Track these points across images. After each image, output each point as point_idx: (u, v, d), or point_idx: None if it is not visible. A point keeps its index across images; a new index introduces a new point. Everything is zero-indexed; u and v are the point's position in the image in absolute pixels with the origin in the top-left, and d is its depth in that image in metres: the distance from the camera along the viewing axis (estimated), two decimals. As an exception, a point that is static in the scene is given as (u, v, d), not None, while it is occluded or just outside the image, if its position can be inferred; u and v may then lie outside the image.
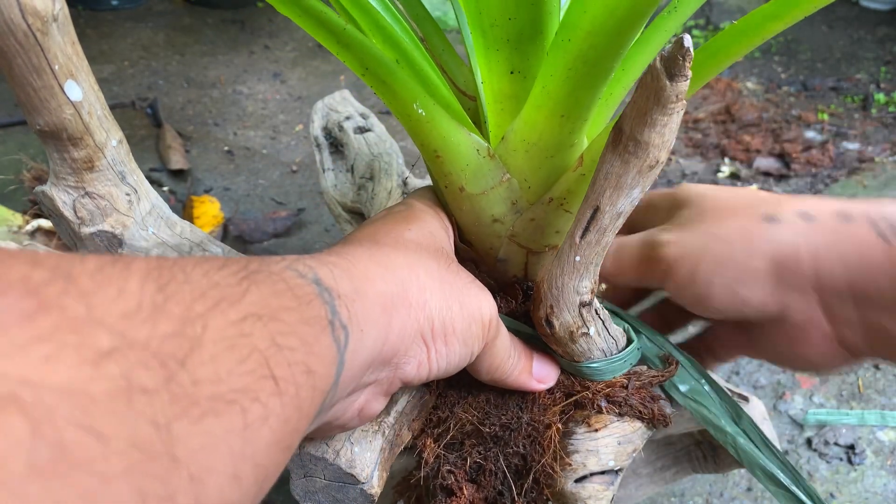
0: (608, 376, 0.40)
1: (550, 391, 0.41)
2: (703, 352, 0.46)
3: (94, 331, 0.16)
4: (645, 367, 0.42)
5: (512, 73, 0.35)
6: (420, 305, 0.31)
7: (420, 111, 0.35)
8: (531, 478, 0.39)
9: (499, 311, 0.40)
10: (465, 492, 0.39)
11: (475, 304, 0.33)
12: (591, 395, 0.40)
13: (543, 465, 0.38)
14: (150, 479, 0.16)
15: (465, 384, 0.41)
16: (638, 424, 0.41)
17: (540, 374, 0.40)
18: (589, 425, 0.40)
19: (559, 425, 0.39)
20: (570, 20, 0.29)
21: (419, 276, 0.31)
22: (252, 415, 0.19)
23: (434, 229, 0.37)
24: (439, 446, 0.40)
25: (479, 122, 0.41)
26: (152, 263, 0.20)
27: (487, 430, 0.40)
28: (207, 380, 0.18)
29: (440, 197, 0.42)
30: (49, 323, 0.16)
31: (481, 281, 0.43)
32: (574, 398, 0.41)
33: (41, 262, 0.17)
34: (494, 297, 0.43)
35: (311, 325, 0.23)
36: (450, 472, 0.39)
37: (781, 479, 0.37)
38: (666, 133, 0.30)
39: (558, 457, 0.38)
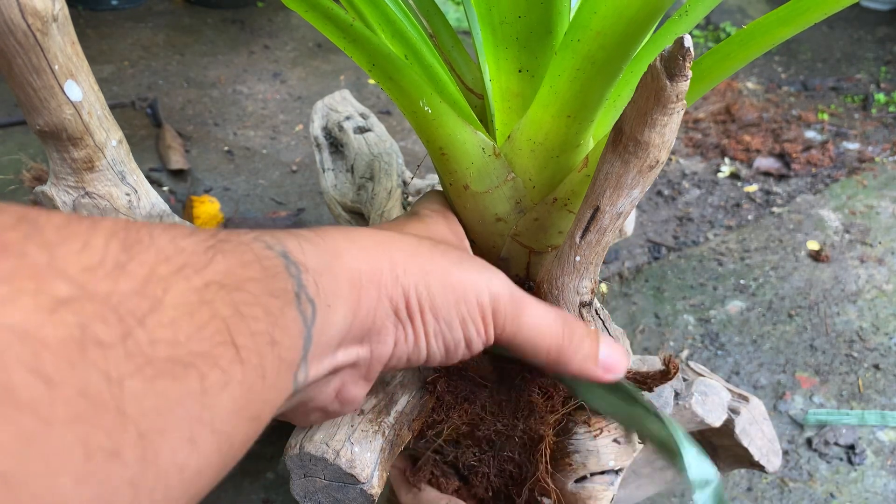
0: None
1: (549, 396, 0.40)
2: None
3: (53, 279, 0.16)
4: (647, 369, 0.42)
5: (520, 71, 0.35)
6: (391, 283, 0.30)
7: (427, 109, 0.35)
8: (526, 487, 0.39)
9: None
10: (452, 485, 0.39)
11: (466, 281, 0.31)
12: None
13: (537, 479, 0.38)
14: (95, 430, 0.16)
15: (466, 386, 0.41)
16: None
17: (608, 362, 0.34)
18: (589, 426, 0.40)
19: (552, 438, 0.39)
20: (581, 20, 0.29)
21: (392, 255, 0.30)
22: (210, 380, 0.19)
23: (435, 226, 0.37)
24: (431, 448, 0.40)
25: (485, 121, 0.41)
26: (119, 224, 0.20)
27: (482, 434, 0.40)
28: (165, 341, 0.18)
29: (445, 196, 0.42)
30: (8, 266, 0.16)
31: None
32: (572, 405, 0.40)
33: (6, 210, 0.17)
34: None
35: (276, 296, 0.23)
36: (440, 472, 0.39)
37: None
38: (666, 133, 0.30)
39: (549, 471, 0.38)
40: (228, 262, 0.22)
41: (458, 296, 0.31)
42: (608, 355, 0.34)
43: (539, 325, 0.32)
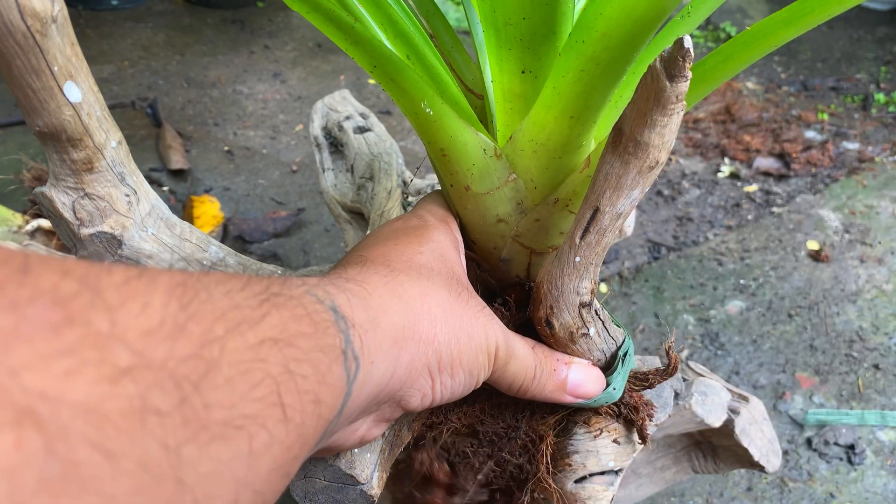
0: (602, 400, 0.39)
1: None
2: None
3: (114, 347, 0.16)
4: (647, 368, 0.42)
5: (523, 72, 0.35)
6: (429, 339, 0.30)
7: (428, 110, 0.35)
8: (527, 487, 0.39)
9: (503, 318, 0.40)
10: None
11: (482, 334, 0.33)
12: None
13: (538, 479, 0.38)
14: (155, 502, 0.16)
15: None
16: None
17: (577, 391, 0.38)
18: (589, 426, 0.40)
19: (552, 438, 0.39)
20: (585, 21, 0.29)
21: (431, 309, 0.31)
22: (258, 441, 0.20)
23: (445, 250, 0.37)
24: (434, 448, 0.40)
25: (485, 121, 0.41)
26: (177, 279, 0.20)
27: (481, 437, 0.39)
28: (219, 404, 0.18)
29: (445, 197, 0.42)
30: (73, 337, 0.16)
31: (483, 281, 0.43)
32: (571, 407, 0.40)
33: (70, 272, 0.17)
34: (496, 299, 0.42)
35: (325, 353, 0.24)
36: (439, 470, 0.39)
37: None
38: (666, 134, 0.30)
39: (551, 471, 0.38)
40: (282, 315, 0.22)
41: (478, 347, 0.33)
42: (577, 383, 0.37)
43: (519, 367, 0.35)
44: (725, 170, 1.49)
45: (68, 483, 0.14)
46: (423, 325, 0.30)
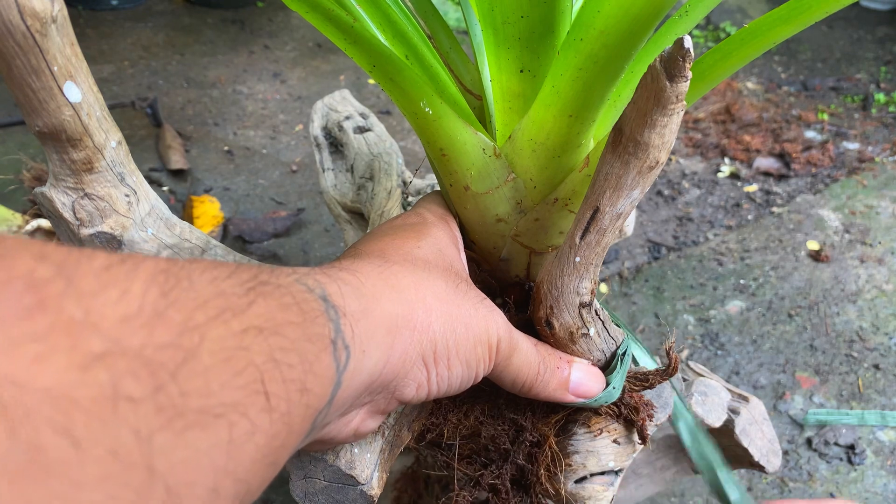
0: (602, 400, 0.39)
1: None
2: None
3: (88, 334, 0.16)
4: (647, 368, 0.42)
5: (522, 71, 0.35)
6: (424, 328, 0.30)
7: (427, 110, 0.35)
8: (530, 488, 0.39)
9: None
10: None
11: (482, 325, 0.33)
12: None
13: (539, 480, 0.38)
14: (124, 489, 0.16)
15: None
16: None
17: (579, 390, 0.38)
18: (588, 426, 0.40)
19: (553, 440, 0.39)
20: (584, 19, 0.29)
21: (425, 298, 0.31)
22: (238, 430, 0.19)
23: (444, 246, 0.37)
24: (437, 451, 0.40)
25: (484, 121, 0.41)
26: (161, 265, 0.20)
27: (482, 440, 0.39)
28: (197, 392, 0.18)
29: (445, 197, 0.42)
30: (45, 322, 0.16)
31: (483, 281, 0.43)
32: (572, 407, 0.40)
33: (48, 257, 0.17)
34: (495, 299, 0.42)
35: (313, 342, 0.23)
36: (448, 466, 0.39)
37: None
38: (666, 134, 0.30)
39: (552, 474, 0.38)
40: (268, 304, 0.22)
41: (477, 338, 0.32)
42: (579, 382, 0.37)
43: (522, 362, 0.35)
44: (725, 170, 1.49)
45: (31, 468, 0.14)
46: (417, 315, 0.30)
